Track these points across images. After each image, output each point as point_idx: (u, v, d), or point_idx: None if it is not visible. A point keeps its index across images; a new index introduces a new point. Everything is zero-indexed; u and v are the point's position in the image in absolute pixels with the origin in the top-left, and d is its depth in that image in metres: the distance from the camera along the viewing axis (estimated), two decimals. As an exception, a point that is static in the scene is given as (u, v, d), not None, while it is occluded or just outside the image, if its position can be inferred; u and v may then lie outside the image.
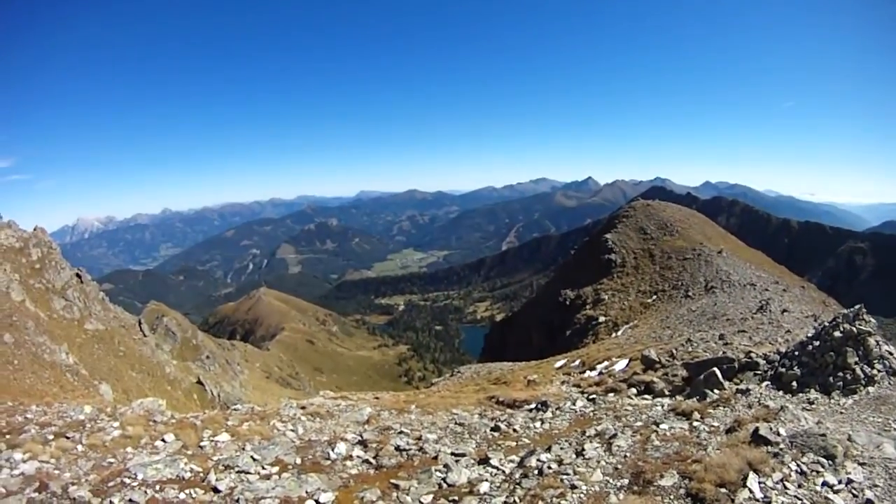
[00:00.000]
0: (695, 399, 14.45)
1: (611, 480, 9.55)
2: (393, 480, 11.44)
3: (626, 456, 10.47)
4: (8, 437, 14.59)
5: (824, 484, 8.19)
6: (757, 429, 9.70)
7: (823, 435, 9.14)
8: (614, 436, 11.77)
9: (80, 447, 13.96)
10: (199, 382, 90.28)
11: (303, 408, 19.26)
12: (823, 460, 8.70)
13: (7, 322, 49.15)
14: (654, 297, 63.42)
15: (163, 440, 14.54)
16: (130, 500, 10.48)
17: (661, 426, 11.88)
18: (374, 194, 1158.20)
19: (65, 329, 64.17)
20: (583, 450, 11.19)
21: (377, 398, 25.65)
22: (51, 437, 14.71)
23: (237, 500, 10.46)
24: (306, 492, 10.86)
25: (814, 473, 8.42)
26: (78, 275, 76.97)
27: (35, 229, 77.79)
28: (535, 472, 10.79)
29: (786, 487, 8.12)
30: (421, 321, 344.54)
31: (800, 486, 8.19)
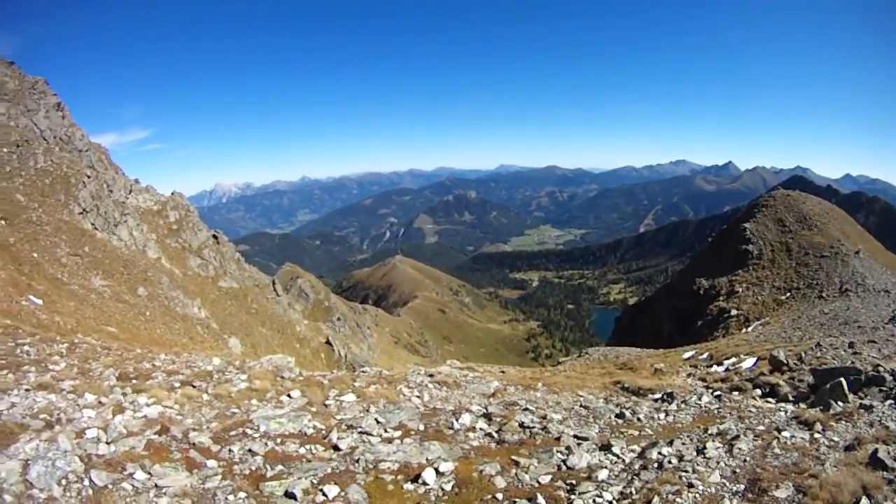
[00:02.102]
0: (818, 409, 13.62)
1: (727, 484, 9.39)
2: (514, 457, 11.23)
3: (745, 460, 10.31)
4: (134, 381, 15.19)
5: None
6: (876, 450, 9.35)
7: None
8: (736, 437, 11.49)
9: (205, 396, 14.41)
10: (328, 342, 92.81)
11: (430, 375, 19.32)
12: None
13: (142, 277, 52.17)
14: (788, 294, 61.85)
15: (288, 396, 14.84)
16: (250, 451, 10.74)
17: (783, 433, 11.62)
18: (513, 168, 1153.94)
19: (199, 285, 67.42)
20: (704, 448, 10.94)
21: (503, 372, 25.56)
22: (177, 384, 15.25)
23: (357, 461, 10.52)
24: (427, 459, 10.82)
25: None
26: (215, 236, 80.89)
27: (173, 193, 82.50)
28: (655, 465, 10.49)
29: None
30: (554, 299, 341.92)
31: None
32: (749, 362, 25.44)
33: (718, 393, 18.55)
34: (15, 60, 70.08)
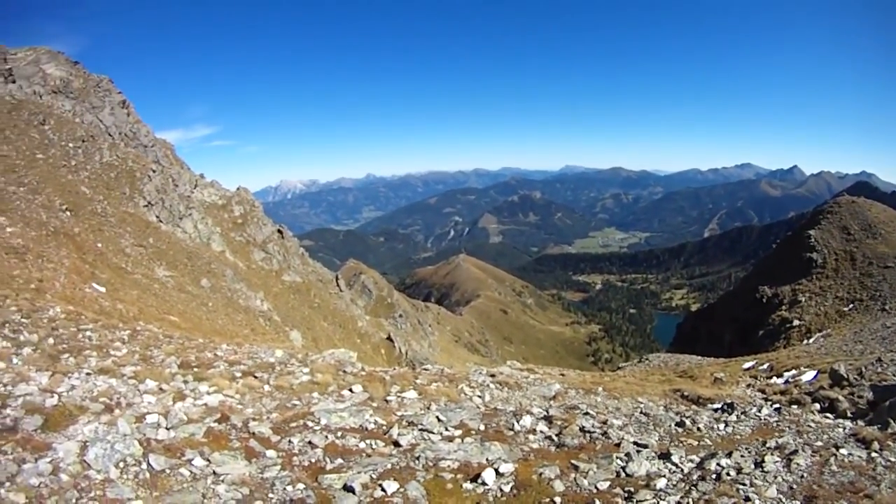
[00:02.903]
0: (877, 427, 13.18)
1: (784, 499, 9.29)
2: (573, 461, 11.05)
3: (802, 476, 10.24)
4: (196, 370, 15.40)
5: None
6: (930, 473, 9.26)
7: None
8: (794, 452, 11.31)
9: (266, 387, 14.57)
10: (389, 339, 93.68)
11: (492, 375, 19.29)
12: None
13: (205, 269, 53.49)
14: (851, 305, 60.80)
15: (350, 390, 14.90)
16: (310, 443, 10.76)
17: (841, 451, 11.43)
18: (578, 169, 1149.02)
19: (262, 278, 68.77)
20: (762, 461, 10.80)
21: (563, 375, 25.45)
22: (238, 374, 15.45)
23: (417, 457, 10.43)
24: (487, 459, 10.67)
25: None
26: (279, 230, 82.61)
27: (238, 189, 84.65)
28: (713, 476, 10.32)
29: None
30: (616, 302, 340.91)
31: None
32: (809, 375, 25.09)
33: (777, 405, 18.24)
34: (80, 60, 72.80)
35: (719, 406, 18.31)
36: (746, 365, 33.81)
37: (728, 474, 10.23)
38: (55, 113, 61.36)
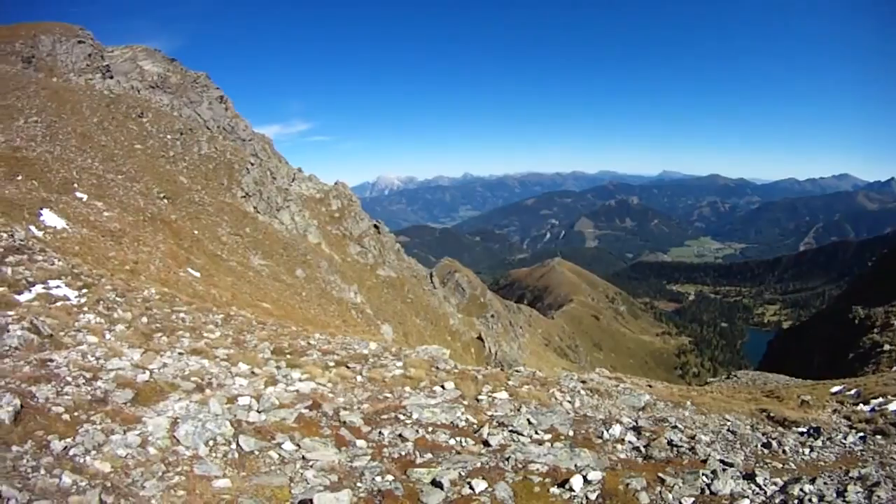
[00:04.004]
0: None
1: None
2: (660, 474, 10.79)
3: None
4: (289, 356, 15.74)
5: None
6: None
7: None
8: (876, 484, 10.67)
9: (359, 378, 14.73)
10: (480, 338, 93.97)
11: (583, 382, 19.07)
12: None
13: (301, 259, 54.82)
14: None
15: (442, 387, 14.92)
16: (400, 436, 10.78)
17: None
18: (676, 176, 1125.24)
19: (357, 272, 70.05)
20: (845, 491, 10.20)
21: (650, 386, 25.07)
22: (331, 364, 15.65)
23: (507, 459, 10.34)
24: (576, 465, 10.51)
25: None
26: (376, 226, 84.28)
27: (336, 183, 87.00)
28: (796, 501, 9.93)
29: None
30: (708, 315, 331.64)
31: None
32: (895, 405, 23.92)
33: (863, 434, 17.51)
34: (177, 57, 76.04)
35: (805, 430, 17.94)
36: (834, 389, 32.86)
37: (810, 500, 9.96)
38: (153, 106, 64.57)
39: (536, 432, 12.17)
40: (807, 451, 15.00)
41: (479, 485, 9.12)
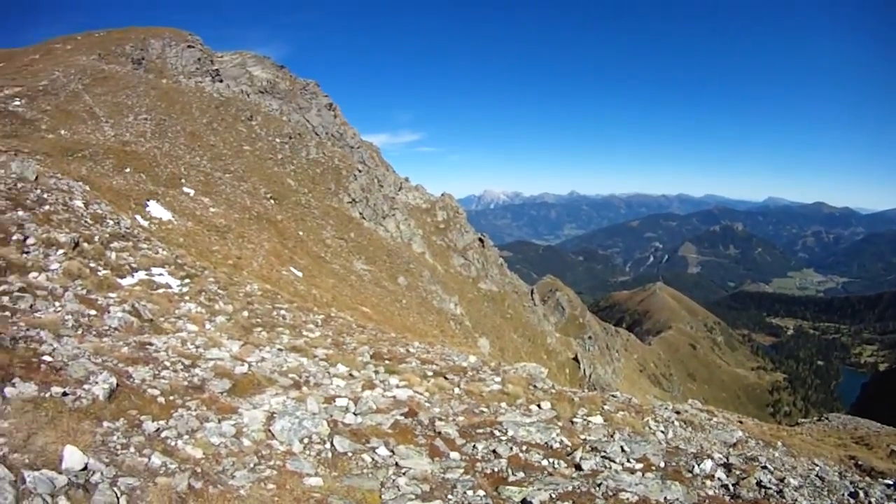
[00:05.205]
0: None
1: None
2: None
3: None
4: (388, 362, 15.83)
5: None
6: None
7: None
8: None
9: (456, 390, 14.71)
10: (575, 359, 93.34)
11: (677, 412, 18.60)
12: None
13: (404, 267, 55.62)
14: None
15: (538, 406, 14.66)
16: (494, 451, 10.68)
17: None
18: (781, 202, 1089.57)
19: (459, 284, 70.69)
20: None
21: (741, 422, 24.40)
22: (430, 373, 15.75)
23: (598, 484, 10.10)
24: (665, 498, 10.23)
25: None
26: (480, 239, 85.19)
27: (443, 195, 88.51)
28: None
29: None
30: (805, 351, 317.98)
31: None
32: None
33: None
34: (285, 65, 78.82)
35: (892, 482, 17.05)
36: (925, 438, 31.30)
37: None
38: (262, 110, 67.16)
39: (629, 460, 11.86)
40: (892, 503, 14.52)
41: (569, 508, 8.92)
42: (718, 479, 12.29)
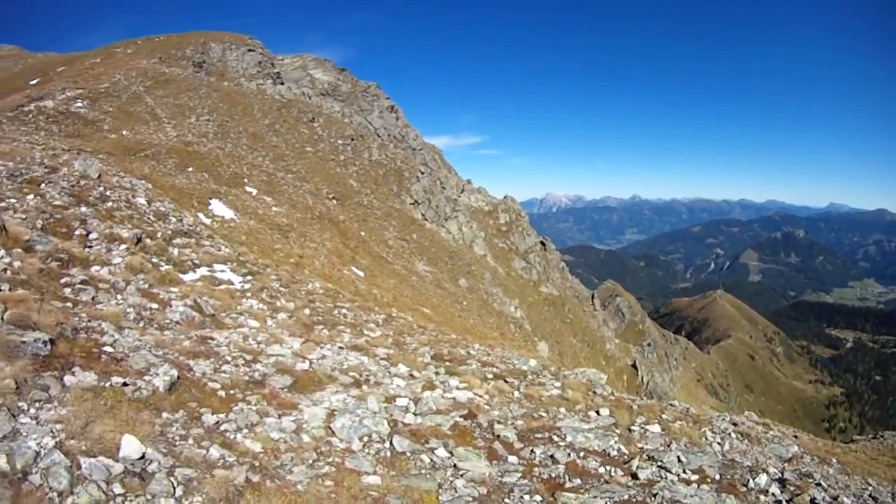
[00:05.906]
0: None
1: None
2: None
3: None
4: (448, 364, 15.84)
5: None
6: None
7: None
8: None
9: (516, 393, 14.65)
10: (634, 366, 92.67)
11: (734, 424, 18.30)
12: None
13: (465, 269, 55.78)
14: None
15: (597, 412, 14.56)
16: (552, 457, 10.65)
17: None
18: (843, 209, 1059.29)
19: (520, 287, 70.81)
20: None
21: (796, 436, 23.87)
22: (490, 376, 15.67)
23: (654, 494, 10.00)
24: None
25: None
26: (542, 242, 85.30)
27: (505, 197, 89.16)
28: None
29: None
30: (863, 366, 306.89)
31: None
32: None
33: None
34: (346, 68, 79.98)
35: None
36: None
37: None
38: (324, 112, 68.41)
39: (685, 471, 11.73)
40: (944, 525, 14.26)
41: (625, 518, 8.87)
42: (772, 494, 12.13)
